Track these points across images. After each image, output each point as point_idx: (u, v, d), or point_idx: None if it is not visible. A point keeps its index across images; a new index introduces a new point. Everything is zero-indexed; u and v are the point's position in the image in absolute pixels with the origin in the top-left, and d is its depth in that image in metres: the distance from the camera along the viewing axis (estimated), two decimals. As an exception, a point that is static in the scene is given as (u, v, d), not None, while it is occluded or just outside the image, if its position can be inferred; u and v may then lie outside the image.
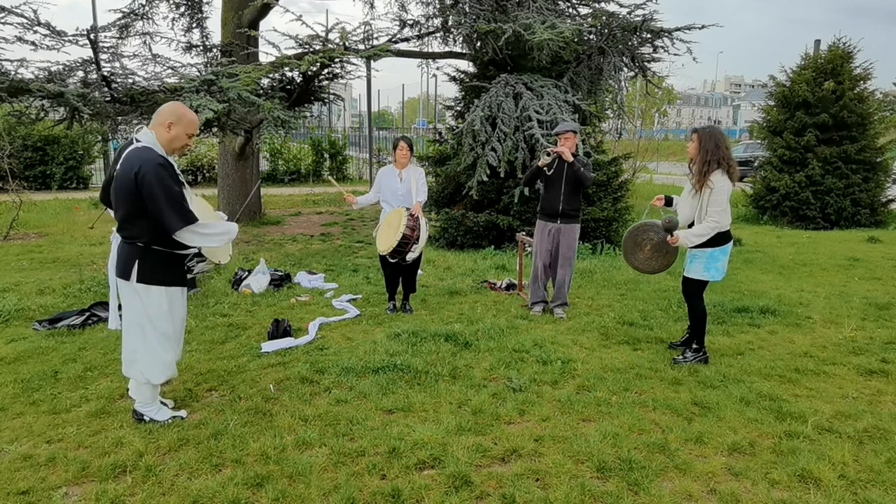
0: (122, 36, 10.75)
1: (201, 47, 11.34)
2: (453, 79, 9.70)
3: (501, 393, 3.89)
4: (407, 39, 9.55)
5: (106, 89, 7.23)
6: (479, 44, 8.75)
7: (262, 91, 8.53)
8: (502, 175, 8.04)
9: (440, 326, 5.19)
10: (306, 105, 10.26)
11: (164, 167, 3.19)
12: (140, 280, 3.29)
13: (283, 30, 24.67)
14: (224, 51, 10.52)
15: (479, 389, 3.94)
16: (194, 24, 11.45)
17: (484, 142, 8.03)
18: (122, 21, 10.57)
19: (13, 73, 6.88)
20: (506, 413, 3.60)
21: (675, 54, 14.38)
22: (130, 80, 7.39)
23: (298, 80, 9.15)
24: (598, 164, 8.84)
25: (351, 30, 8.64)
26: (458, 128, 9.01)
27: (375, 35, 8.99)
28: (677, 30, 8.70)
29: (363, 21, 8.81)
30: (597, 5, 9.25)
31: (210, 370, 4.24)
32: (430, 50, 9.86)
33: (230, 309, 5.80)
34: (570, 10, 9.31)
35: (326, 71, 9.12)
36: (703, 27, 8.92)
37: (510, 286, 6.66)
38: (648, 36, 8.76)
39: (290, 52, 8.56)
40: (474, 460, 3.07)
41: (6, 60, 6.92)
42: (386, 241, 5.39)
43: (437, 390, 3.91)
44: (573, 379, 4.15)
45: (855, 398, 3.87)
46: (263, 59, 9.42)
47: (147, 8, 10.77)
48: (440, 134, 10.34)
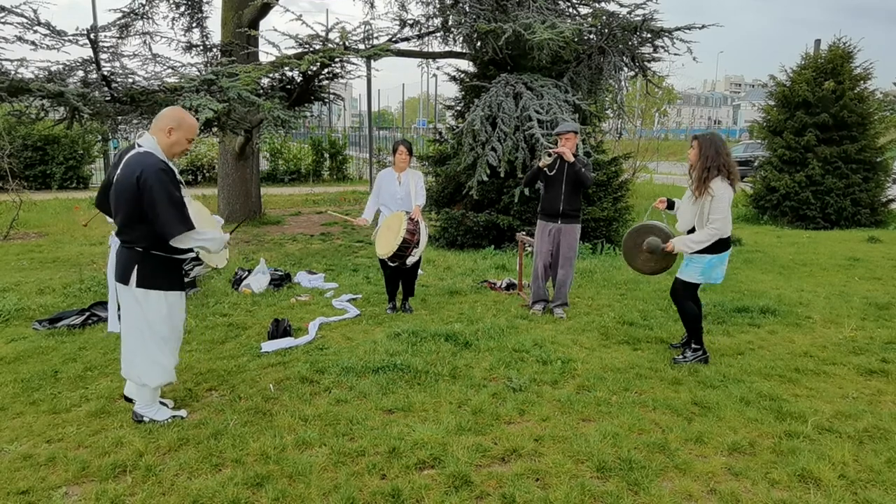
0: (122, 36, 10.76)
1: (201, 47, 11.34)
2: (453, 78, 9.70)
3: (501, 393, 3.89)
4: (407, 39, 9.55)
5: (106, 89, 7.23)
6: (479, 43, 8.75)
7: (262, 91, 8.53)
8: (502, 175, 8.03)
9: (440, 326, 5.19)
10: (306, 105, 10.26)
11: (166, 172, 3.21)
12: (139, 285, 3.30)
13: (283, 29, 24.67)
14: (224, 50, 10.52)
15: (479, 389, 3.94)
16: (194, 24, 11.45)
17: (484, 141, 8.03)
18: (122, 21, 10.57)
19: (13, 72, 6.88)
20: (506, 413, 3.60)
21: (675, 54, 14.40)
22: (130, 80, 7.39)
23: (298, 80, 9.15)
24: (598, 164, 8.84)
25: (351, 29, 8.65)
26: (458, 127, 9.01)
27: (375, 35, 8.99)
28: (677, 29, 8.70)
29: (363, 21, 8.82)
30: (597, 5, 9.24)
31: (210, 370, 4.24)
32: (431, 50, 9.86)
33: (230, 309, 5.80)
34: (571, 9, 9.30)
35: (326, 71, 9.12)
36: (703, 27, 8.93)
37: (510, 286, 6.66)
38: (648, 36, 8.75)
39: (290, 52, 8.57)
40: (474, 460, 3.07)
41: (6, 60, 6.92)
42: (386, 244, 5.38)
43: (437, 390, 3.92)
44: (573, 379, 4.15)
45: (855, 398, 3.87)
46: (263, 58, 9.42)
47: (147, 7, 10.78)
48: (440, 134, 10.34)
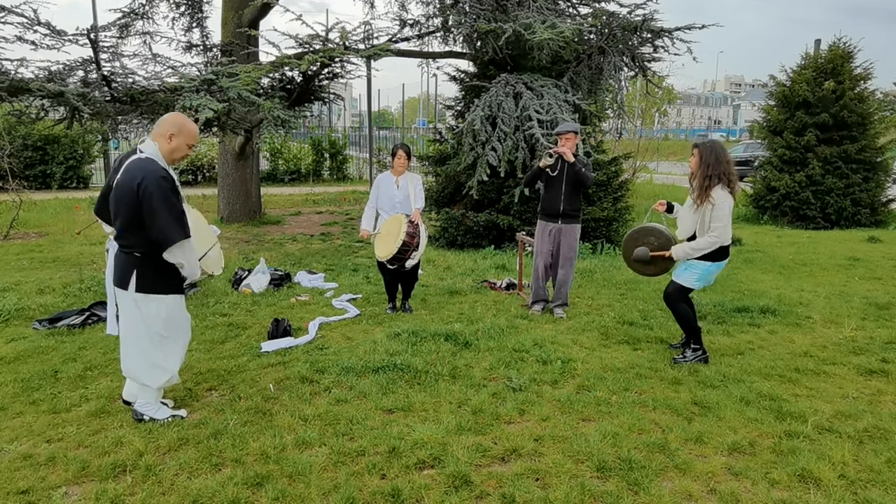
0: (122, 35, 10.75)
1: (201, 47, 11.34)
2: (453, 78, 9.70)
3: (501, 393, 3.89)
4: (407, 39, 9.55)
5: (106, 89, 7.23)
6: (479, 43, 8.75)
7: (262, 90, 8.53)
8: (502, 175, 8.03)
9: (440, 326, 5.19)
10: (306, 105, 10.26)
11: (166, 180, 3.22)
12: (139, 290, 3.31)
13: (283, 29, 24.70)
14: (224, 50, 10.52)
15: (479, 389, 3.94)
16: (194, 24, 11.45)
17: (484, 141, 8.03)
18: (123, 20, 10.57)
19: (13, 72, 6.88)
20: (506, 413, 3.60)
21: (675, 54, 14.39)
22: (130, 80, 7.39)
23: (298, 80, 9.15)
24: (598, 164, 8.84)
25: (351, 29, 8.65)
26: (458, 127, 9.01)
27: (375, 34, 8.99)
28: (677, 29, 8.70)
29: (363, 21, 8.82)
30: (597, 5, 9.24)
31: (210, 370, 4.24)
32: (431, 49, 9.86)
33: (230, 308, 5.80)
34: (571, 9, 9.30)
35: (326, 70, 9.12)
36: (703, 27, 8.93)
37: (510, 286, 6.66)
38: (648, 36, 8.75)
39: (290, 52, 8.57)
40: (474, 460, 3.07)
41: (6, 60, 6.92)
42: (385, 247, 5.37)
43: (437, 390, 3.91)
44: (573, 379, 4.15)
45: (855, 398, 3.87)
46: (263, 58, 9.42)
47: (147, 7, 10.77)
48: (440, 133, 10.34)
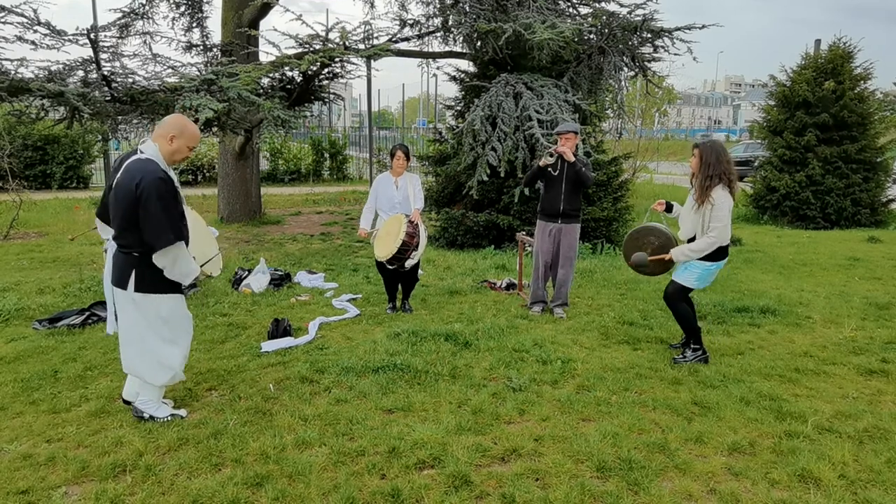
0: (123, 35, 10.75)
1: (201, 47, 11.33)
2: (453, 78, 9.69)
3: (501, 393, 3.89)
4: (407, 39, 9.55)
5: (106, 89, 7.23)
6: (479, 43, 8.75)
7: (262, 90, 8.53)
8: (502, 175, 8.03)
9: (440, 326, 5.18)
10: (306, 104, 10.26)
11: (165, 182, 3.21)
12: (137, 289, 3.31)
13: (283, 29, 24.68)
14: (224, 50, 10.52)
15: (478, 389, 3.94)
16: (194, 24, 11.45)
17: (484, 141, 8.03)
18: (123, 20, 10.57)
19: (13, 72, 6.88)
20: (506, 413, 3.60)
21: (675, 54, 14.40)
22: (130, 80, 7.39)
23: (298, 80, 9.15)
24: (599, 164, 8.84)
25: (351, 29, 8.65)
26: (458, 127, 9.01)
27: (375, 34, 8.99)
28: (677, 29, 8.70)
29: (363, 20, 8.82)
30: (597, 5, 9.24)
31: (210, 370, 4.24)
32: (431, 49, 9.86)
33: (230, 308, 5.80)
34: (571, 9, 9.30)
35: (326, 70, 9.12)
36: (703, 27, 8.93)
37: (510, 286, 6.66)
38: (649, 35, 8.75)
39: (291, 52, 8.57)
40: (474, 460, 3.07)
41: (6, 60, 6.92)
42: (385, 247, 5.37)
43: (436, 390, 3.91)
44: (573, 379, 4.15)
45: (855, 398, 3.87)
46: (263, 58, 9.42)
47: (147, 7, 10.77)
48: (440, 133, 10.33)
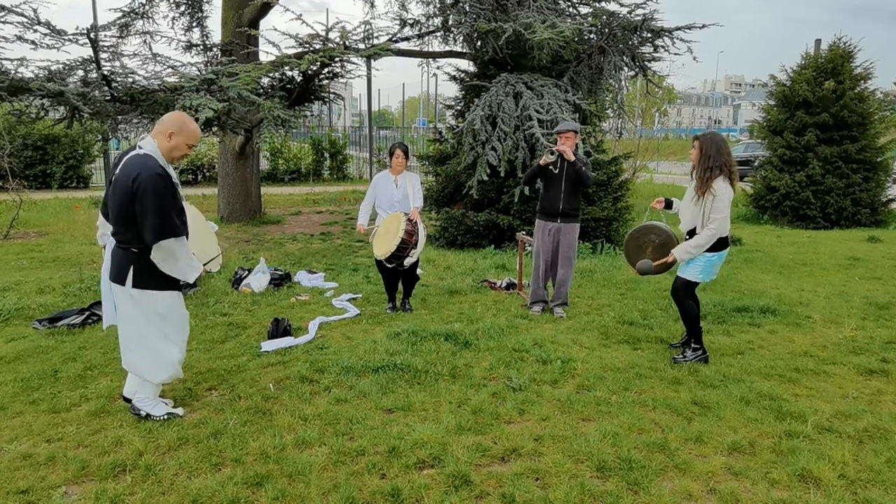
0: (123, 35, 10.75)
1: (201, 46, 11.33)
2: (453, 78, 9.69)
3: (501, 392, 3.89)
4: (407, 39, 9.55)
5: (106, 88, 7.23)
6: (479, 43, 8.75)
7: (262, 90, 8.53)
8: (502, 174, 8.03)
9: (440, 326, 5.19)
10: (306, 104, 10.26)
11: (162, 177, 3.21)
12: (135, 285, 3.31)
13: (283, 29, 24.67)
14: (224, 50, 10.52)
15: (478, 389, 3.94)
16: (194, 24, 11.45)
17: (484, 141, 8.03)
18: (123, 20, 10.57)
19: (13, 72, 6.88)
20: (505, 412, 3.60)
21: (675, 54, 14.43)
22: (130, 80, 7.39)
23: (298, 80, 9.15)
24: (599, 164, 8.83)
25: (351, 29, 8.65)
26: (458, 127, 9.01)
27: (376, 34, 8.99)
28: (678, 29, 8.70)
29: (363, 20, 8.82)
30: (597, 4, 9.24)
31: (210, 369, 4.24)
32: (431, 49, 9.86)
33: (230, 308, 5.80)
34: (571, 9, 9.29)
35: (326, 70, 9.12)
36: (703, 26, 8.93)
37: (510, 285, 6.66)
38: (649, 35, 8.75)
39: (291, 52, 8.57)
40: (474, 460, 3.07)
41: (6, 59, 6.92)
42: (384, 245, 5.36)
43: (436, 390, 3.91)
44: (573, 378, 4.15)
45: (855, 398, 3.87)
46: (263, 58, 9.42)
47: (147, 7, 10.77)
48: (440, 133, 10.33)
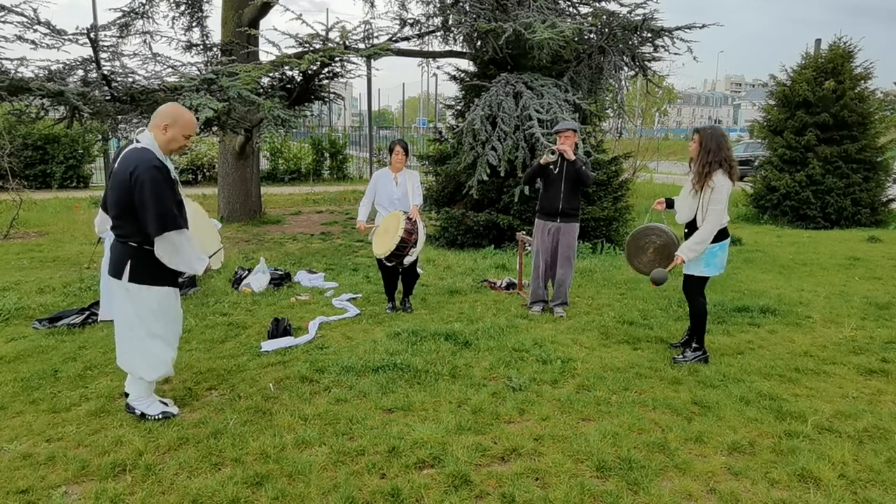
0: (123, 35, 10.76)
1: (201, 46, 11.34)
2: (453, 78, 9.69)
3: (501, 392, 3.89)
4: (407, 38, 9.55)
5: (106, 88, 7.23)
6: (479, 43, 8.75)
7: (262, 90, 8.53)
8: (502, 174, 8.03)
9: (440, 325, 5.19)
10: (306, 104, 10.26)
11: (159, 170, 3.20)
12: (132, 280, 3.30)
13: (283, 29, 24.70)
14: (224, 50, 10.52)
15: (478, 389, 3.94)
16: (194, 23, 11.45)
17: (484, 141, 8.03)
18: (123, 20, 10.58)
19: (13, 71, 6.88)
20: (505, 412, 3.60)
21: (675, 53, 14.46)
22: (130, 79, 7.40)
23: (298, 79, 9.15)
24: (599, 164, 8.83)
25: (351, 29, 8.65)
26: (458, 127, 9.01)
27: (376, 34, 8.99)
28: (678, 29, 8.70)
29: (363, 20, 8.83)
30: (597, 4, 9.24)
31: (210, 369, 4.24)
32: (431, 49, 9.86)
33: (230, 308, 5.80)
34: (571, 9, 9.30)
35: (326, 70, 9.12)
36: (703, 26, 8.93)
37: (510, 285, 6.66)
38: (649, 35, 8.75)
39: (291, 51, 8.57)
40: (474, 459, 3.07)
41: (6, 59, 6.92)
42: (383, 244, 5.36)
43: (436, 389, 3.91)
44: (573, 378, 4.15)
45: (855, 398, 3.87)
46: (263, 57, 9.42)
47: (147, 7, 10.78)
48: (440, 133, 10.33)
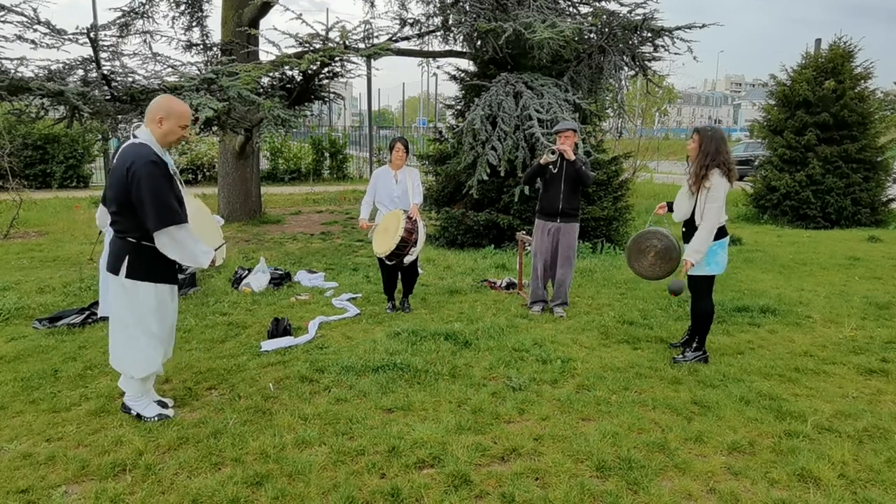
0: (123, 34, 10.76)
1: (201, 46, 11.35)
2: (454, 77, 9.69)
3: (501, 392, 3.89)
4: (407, 38, 9.55)
5: (106, 88, 7.23)
6: (479, 43, 8.75)
7: (262, 90, 8.53)
8: (502, 174, 8.03)
9: (440, 325, 5.19)
10: (306, 104, 10.26)
11: (156, 165, 3.19)
12: (129, 276, 3.29)
13: (283, 28, 24.71)
14: (224, 49, 10.52)
15: (478, 388, 3.94)
16: (194, 23, 11.46)
17: (484, 141, 8.03)
18: (123, 20, 10.59)
19: (13, 71, 6.88)
20: (505, 412, 3.60)
21: (675, 53, 14.50)
22: (130, 79, 7.40)
23: (298, 79, 9.15)
24: (599, 164, 8.83)
25: (351, 28, 8.65)
26: (458, 127, 9.01)
27: (376, 34, 8.99)
28: (678, 29, 8.70)
29: (363, 20, 8.82)
30: (597, 4, 9.24)
31: (210, 369, 4.24)
32: (431, 49, 9.86)
33: (230, 308, 5.80)
34: (571, 8, 9.29)
35: (327, 70, 9.12)
36: (703, 26, 8.93)
37: (510, 285, 6.66)
38: (649, 35, 8.75)
39: (291, 51, 8.57)
40: (474, 459, 3.07)
41: (6, 59, 6.93)
42: (384, 243, 5.36)
43: (436, 389, 3.91)
44: (573, 378, 4.15)
45: (855, 397, 3.87)
46: (263, 57, 9.42)
47: (147, 6, 10.78)
48: (440, 133, 10.33)
